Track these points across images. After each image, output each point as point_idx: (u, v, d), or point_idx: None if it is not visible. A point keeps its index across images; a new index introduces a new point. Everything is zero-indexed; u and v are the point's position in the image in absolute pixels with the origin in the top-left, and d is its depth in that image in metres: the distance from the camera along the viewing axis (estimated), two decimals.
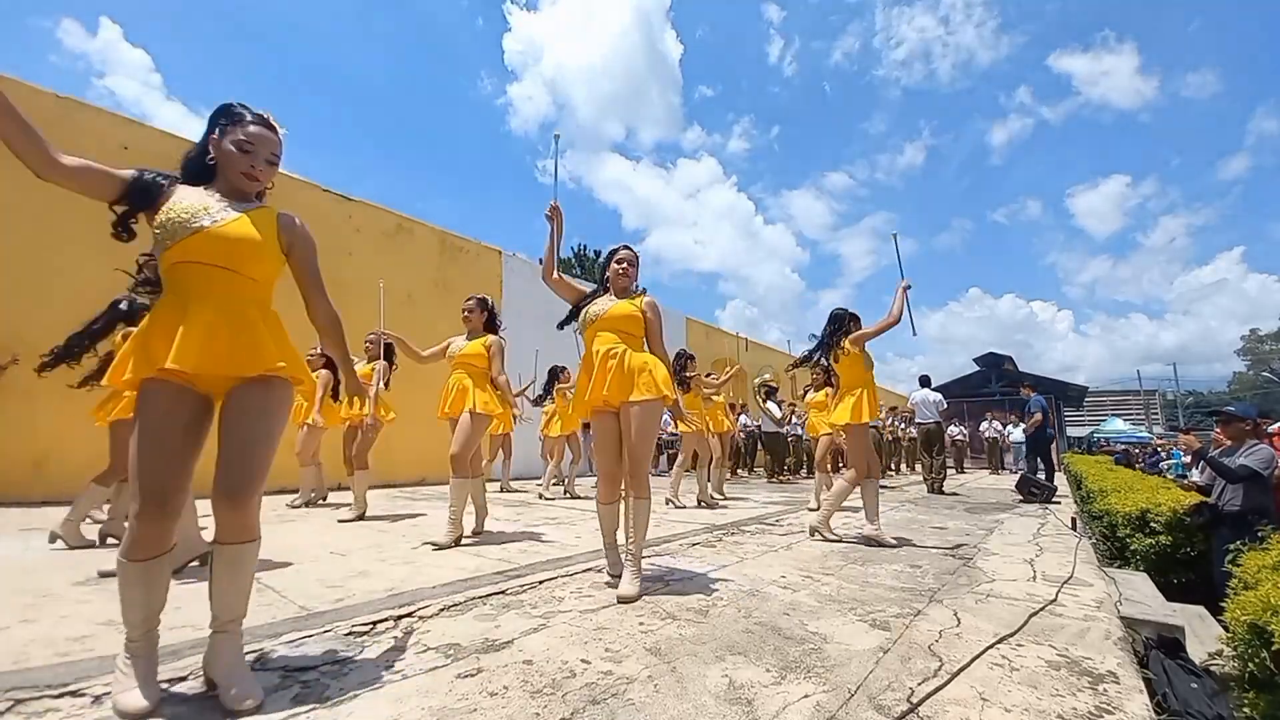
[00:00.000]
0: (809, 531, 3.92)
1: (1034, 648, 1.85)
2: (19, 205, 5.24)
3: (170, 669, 1.52)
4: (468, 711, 1.33)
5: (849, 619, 2.08)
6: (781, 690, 1.47)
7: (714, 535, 3.92)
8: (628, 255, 2.66)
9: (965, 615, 2.16)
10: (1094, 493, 5.78)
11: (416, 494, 6.44)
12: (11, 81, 5.37)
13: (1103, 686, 1.56)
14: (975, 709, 1.40)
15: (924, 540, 3.89)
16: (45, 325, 5.30)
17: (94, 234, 6.36)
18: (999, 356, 23.03)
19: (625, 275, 2.64)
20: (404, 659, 1.64)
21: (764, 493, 7.43)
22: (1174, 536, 3.86)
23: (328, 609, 2.10)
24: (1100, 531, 4.81)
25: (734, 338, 15.56)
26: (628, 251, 2.67)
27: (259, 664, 1.58)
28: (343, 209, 7.51)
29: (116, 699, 1.28)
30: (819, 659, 1.68)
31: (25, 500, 4.91)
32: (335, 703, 1.36)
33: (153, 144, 6.09)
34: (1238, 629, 1.67)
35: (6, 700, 1.34)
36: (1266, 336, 49.32)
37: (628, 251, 2.67)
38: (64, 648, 1.67)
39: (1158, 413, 36.06)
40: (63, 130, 5.52)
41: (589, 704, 1.37)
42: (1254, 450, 3.92)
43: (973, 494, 7.64)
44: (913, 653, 1.76)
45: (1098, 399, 36.48)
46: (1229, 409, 4.32)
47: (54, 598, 2.18)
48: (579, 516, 4.74)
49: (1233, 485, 3.92)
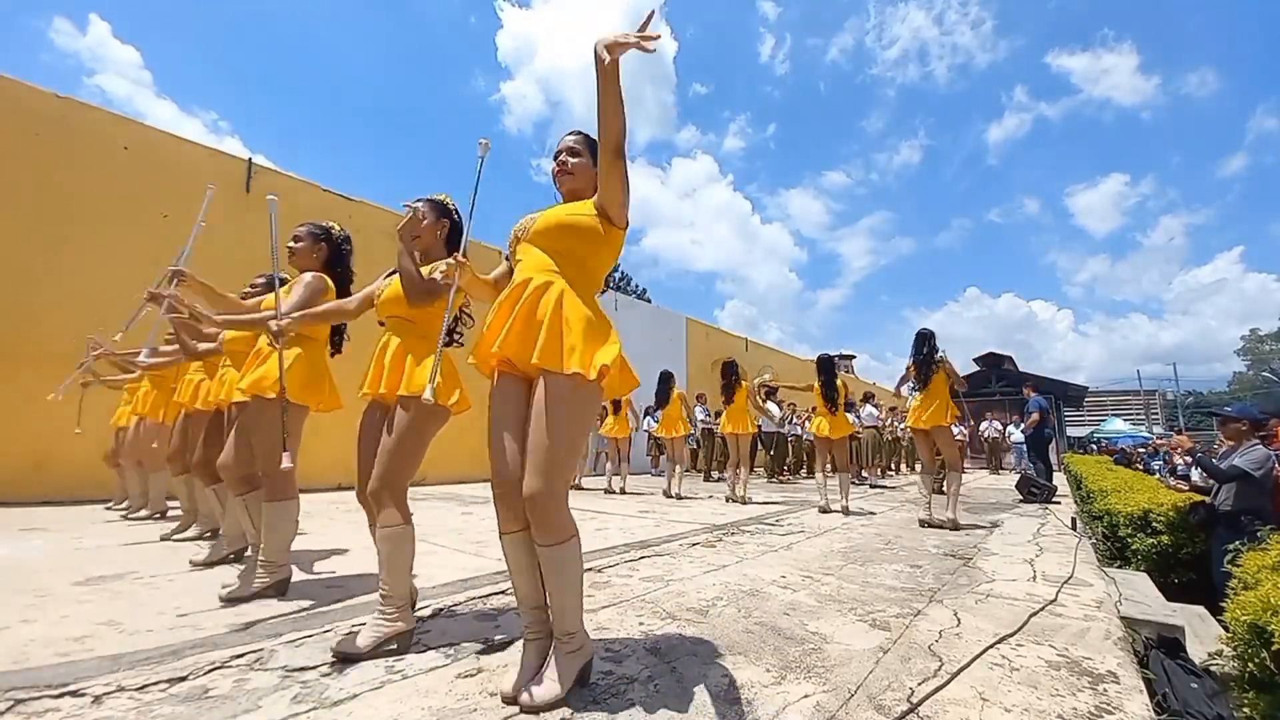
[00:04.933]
0: (923, 523, 4.51)
1: (1034, 648, 1.85)
2: (17, 206, 5.25)
3: (170, 669, 1.53)
4: (468, 711, 1.33)
5: (849, 619, 2.08)
6: (781, 690, 1.47)
7: (714, 535, 3.92)
8: (568, 142, 1.65)
9: (965, 615, 2.16)
10: (1094, 493, 5.78)
11: (415, 494, 6.44)
12: (12, 82, 5.37)
13: (1103, 686, 1.56)
14: (975, 709, 1.40)
15: (924, 540, 3.89)
16: (44, 325, 5.32)
17: (94, 239, 6.37)
18: (999, 356, 23.02)
19: (565, 172, 1.63)
20: (404, 659, 1.64)
21: (764, 493, 7.43)
22: (1175, 536, 3.87)
23: (328, 609, 2.10)
24: (1101, 531, 4.81)
25: (736, 338, 15.55)
26: (570, 138, 1.66)
27: (258, 664, 1.58)
28: (343, 209, 7.52)
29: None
30: (819, 659, 1.68)
31: (25, 500, 4.92)
32: (335, 703, 1.36)
33: (153, 144, 6.08)
34: (1238, 629, 1.67)
35: (6, 700, 1.34)
36: (1266, 336, 49.30)
37: (570, 138, 1.66)
38: (64, 648, 1.67)
39: (1158, 413, 36.04)
40: (64, 130, 5.53)
41: (589, 704, 1.37)
42: (1249, 451, 3.93)
43: (973, 494, 7.63)
44: (913, 653, 1.76)
45: (1098, 399, 36.43)
46: (1226, 410, 4.33)
47: (54, 598, 2.18)
48: (580, 516, 4.70)
49: (1226, 485, 3.93)
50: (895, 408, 12.03)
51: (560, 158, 1.64)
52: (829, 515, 5.10)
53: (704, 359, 13.38)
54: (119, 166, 5.79)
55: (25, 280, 5.25)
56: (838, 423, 5.52)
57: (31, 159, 5.35)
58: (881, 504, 6.29)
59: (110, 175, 5.70)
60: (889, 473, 11.77)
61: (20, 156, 5.29)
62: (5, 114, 5.26)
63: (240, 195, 6.70)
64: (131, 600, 2.18)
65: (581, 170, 1.62)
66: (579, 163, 1.62)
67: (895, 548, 3.58)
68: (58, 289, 5.37)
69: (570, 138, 1.66)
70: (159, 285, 2.51)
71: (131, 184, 5.82)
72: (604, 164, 1.43)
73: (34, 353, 5.19)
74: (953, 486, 4.59)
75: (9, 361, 5.09)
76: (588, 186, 1.61)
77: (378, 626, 1.70)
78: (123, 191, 5.78)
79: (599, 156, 1.45)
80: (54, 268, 5.37)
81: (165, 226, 5.77)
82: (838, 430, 5.50)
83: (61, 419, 5.15)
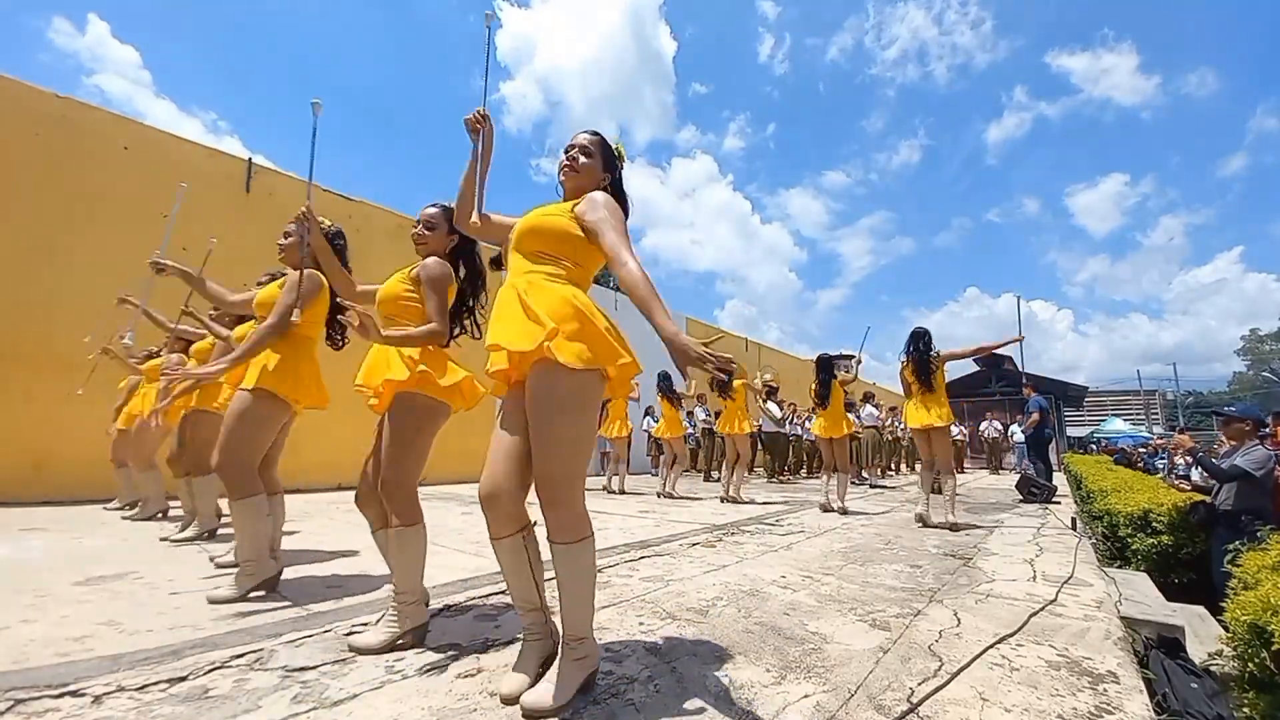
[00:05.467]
0: (919, 520, 4.57)
1: (1034, 648, 1.85)
2: (17, 206, 5.25)
3: (170, 669, 1.53)
4: (468, 711, 1.33)
5: (849, 619, 2.08)
6: (781, 690, 1.47)
7: (714, 535, 3.92)
8: (580, 140, 1.64)
9: (965, 615, 2.16)
10: (1094, 493, 5.78)
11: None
12: (12, 82, 5.37)
13: (1103, 686, 1.56)
14: (975, 709, 1.40)
15: (924, 540, 3.89)
16: (44, 325, 5.31)
17: (94, 239, 6.36)
18: (999, 356, 23.03)
19: (572, 169, 1.61)
20: (404, 659, 1.64)
21: (764, 493, 7.43)
22: (1175, 536, 3.87)
23: (328, 609, 2.10)
24: (1101, 531, 4.81)
25: (736, 338, 15.55)
26: (584, 136, 1.65)
27: (258, 664, 1.58)
28: (342, 209, 7.52)
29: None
30: (819, 659, 1.68)
31: (25, 500, 4.92)
32: (335, 703, 1.36)
33: (153, 144, 6.08)
34: (1238, 629, 1.67)
35: (6, 700, 1.34)
36: (1266, 336, 49.31)
37: (584, 136, 1.65)
38: (64, 648, 1.67)
39: (1158, 413, 36.03)
40: (64, 130, 5.53)
41: (589, 704, 1.37)
42: (1250, 451, 3.94)
43: (973, 494, 7.63)
44: (913, 653, 1.76)
45: (1098, 399, 36.44)
46: (1229, 410, 4.32)
47: (54, 598, 2.18)
48: None
49: (1226, 485, 3.94)
50: (895, 408, 12.05)
51: (571, 153, 1.62)
52: (829, 515, 5.11)
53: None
54: (119, 166, 5.78)
55: (25, 280, 5.25)
56: (833, 421, 5.50)
57: (31, 159, 5.34)
58: (881, 504, 6.29)
59: (110, 175, 5.70)
60: (889, 473, 11.77)
61: (20, 156, 5.29)
62: (5, 114, 5.26)
63: (240, 195, 6.70)
64: (131, 600, 2.18)
65: (588, 171, 1.61)
66: (588, 163, 1.61)
67: (895, 548, 3.58)
68: (58, 289, 5.37)
69: (584, 136, 1.64)
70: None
71: (131, 184, 5.82)
72: (610, 241, 1.40)
73: (34, 353, 5.20)
74: (948, 488, 4.62)
75: (9, 361, 5.09)
76: (591, 186, 1.60)
77: (391, 622, 1.72)
78: (123, 191, 5.78)
79: (601, 243, 1.42)
80: (54, 267, 5.37)
81: (165, 226, 5.77)
82: (835, 429, 5.50)
83: (62, 419, 5.16)
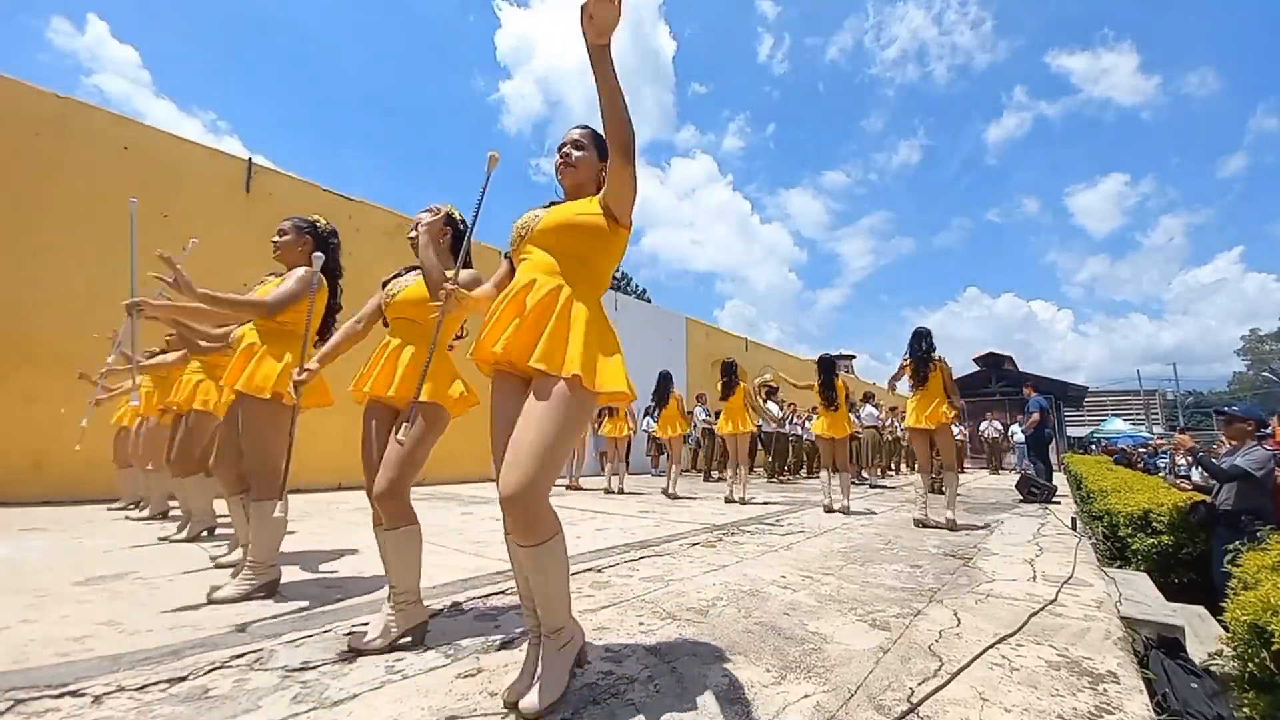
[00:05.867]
0: (918, 524, 4.53)
1: (1034, 648, 1.85)
2: (17, 206, 5.25)
3: (170, 669, 1.53)
4: (468, 711, 1.33)
5: (849, 619, 2.08)
6: (781, 690, 1.47)
7: (714, 535, 3.92)
8: (573, 135, 1.61)
9: (965, 615, 2.16)
10: (1094, 493, 5.79)
11: (415, 494, 6.43)
12: (11, 81, 5.37)
13: (1103, 686, 1.56)
14: (975, 709, 1.40)
15: (924, 540, 3.89)
16: (44, 325, 5.31)
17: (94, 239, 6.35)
18: (999, 356, 23.03)
19: (569, 165, 1.58)
20: (404, 659, 1.64)
21: (764, 493, 7.43)
22: (1175, 536, 3.87)
23: (328, 609, 2.10)
24: (1101, 531, 4.82)
25: (735, 338, 15.55)
26: (576, 131, 1.61)
27: (258, 664, 1.58)
28: (342, 209, 7.52)
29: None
30: (819, 659, 1.68)
31: (25, 500, 4.92)
32: (335, 703, 1.36)
33: (153, 144, 6.08)
34: (1238, 629, 1.67)
35: (6, 700, 1.34)
36: (1266, 336, 49.31)
37: (576, 131, 1.61)
38: (64, 648, 1.67)
39: (1158, 413, 36.03)
40: (64, 130, 5.53)
41: (589, 704, 1.37)
42: (1250, 451, 3.94)
43: (973, 494, 7.63)
44: (913, 653, 1.76)
45: (1098, 399, 36.44)
46: (1232, 409, 4.32)
47: (54, 598, 2.18)
48: (579, 516, 4.74)
49: (1226, 485, 3.94)
50: (895, 407, 12.05)
51: (564, 150, 1.59)
52: (829, 515, 5.10)
53: (704, 359, 13.38)
54: (119, 166, 5.79)
55: (25, 280, 5.25)
56: (836, 422, 5.52)
57: (31, 159, 5.35)
58: (881, 504, 6.29)
59: (110, 175, 5.70)
60: (889, 473, 11.77)
61: (20, 156, 5.29)
62: (5, 114, 5.26)
63: (240, 195, 6.70)
64: (131, 600, 2.18)
65: (585, 165, 1.57)
66: (583, 157, 1.57)
67: (895, 548, 3.58)
68: (58, 289, 5.37)
69: (576, 131, 1.61)
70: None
71: (131, 184, 5.82)
72: (613, 163, 1.38)
73: (34, 353, 5.20)
74: (950, 487, 4.62)
75: (9, 361, 5.09)
76: (590, 181, 1.57)
77: (391, 622, 1.72)
78: (123, 191, 5.77)
79: (608, 155, 1.41)
80: (54, 267, 5.37)
81: (165, 226, 5.76)
82: (837, 430, 5.52)
83: (62, 419, 5.16)
